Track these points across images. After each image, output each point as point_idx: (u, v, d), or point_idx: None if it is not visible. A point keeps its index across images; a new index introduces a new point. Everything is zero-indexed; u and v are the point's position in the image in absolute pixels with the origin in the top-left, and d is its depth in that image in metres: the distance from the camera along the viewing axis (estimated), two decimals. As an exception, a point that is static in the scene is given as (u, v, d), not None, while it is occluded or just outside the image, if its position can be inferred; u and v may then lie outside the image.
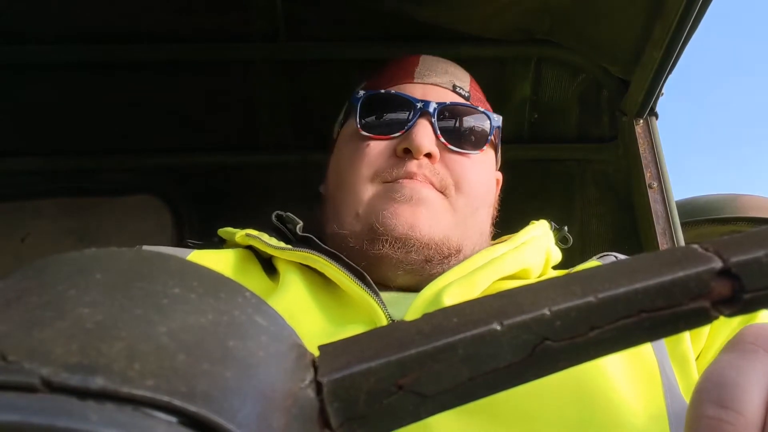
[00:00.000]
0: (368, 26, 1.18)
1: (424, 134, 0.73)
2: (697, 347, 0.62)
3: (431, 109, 0.75)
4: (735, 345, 0.34)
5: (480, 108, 0.81)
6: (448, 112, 0.77)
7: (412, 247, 0.69)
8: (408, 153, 0.73)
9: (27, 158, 1.28)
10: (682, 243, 1.08)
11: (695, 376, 0.59)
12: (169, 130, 1.29)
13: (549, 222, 0.82)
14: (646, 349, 0.59)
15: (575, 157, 1.30)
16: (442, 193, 0.74)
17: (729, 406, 0.30)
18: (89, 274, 0.22)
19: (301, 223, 0.78)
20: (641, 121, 1.15)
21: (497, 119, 0.82)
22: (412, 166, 0.73)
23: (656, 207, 1.10)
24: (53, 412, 0.17)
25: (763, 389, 0.31)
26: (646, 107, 1.13)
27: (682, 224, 1.12)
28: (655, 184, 1.11)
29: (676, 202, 1.12)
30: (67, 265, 0.23)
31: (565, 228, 0.84)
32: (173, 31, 1.17)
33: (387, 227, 0.69)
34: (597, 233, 1.28)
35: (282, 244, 0.72)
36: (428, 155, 0.73)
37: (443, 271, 0.70)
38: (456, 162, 0.76)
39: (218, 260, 0.70)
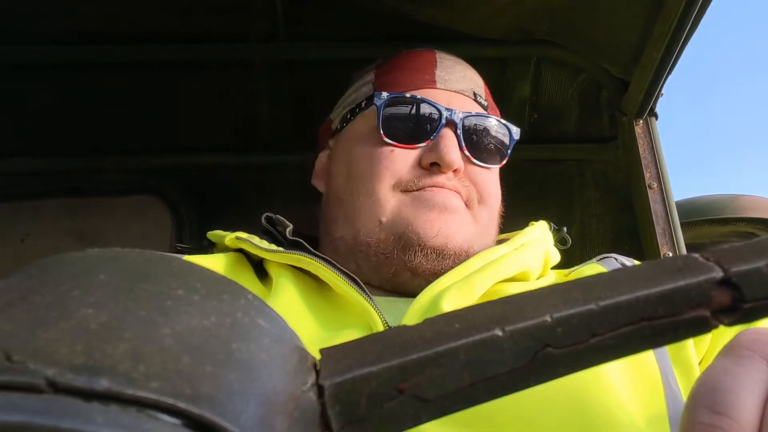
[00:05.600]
0: (368, 26, 1.18)
1: (453, 148, 0.72)
2: (700, 352, 0.62)
3: (457, 120, 0.74)
4: (730, 350, 0.33)
5: (502, 120, 0.80)
6: (472, 123, 0.76)
7: (447, 257, 0.69)
8: (435, 166, 0.72)
9: (27, 158, 1.28)
10: (682, 244, 1.08)
11: None
12: (169, 130, 1.29)
13: (548, 223, 0.82)
14: (647, 356, 0.58)
15: (575, 158, 1.30)
16: (465, 204, 0.74)
17: (723, 413, 0.30)
18: (93, 274, 0.22)
19: (290, 227, 0.76)
20: (641, 121, 1.15)
21: (516, 132, 0.81)
22: (441, 179, 0.72)
23: (656, 207, 1.10)
24: (59, 413, 0.17)
25: (758, 396, 0.30)
26: (646, 107, 1.13)
27: (682, 225, 1.12)
28: (655, 185, 1.11)
29: (676, 203, 1.12)
30: (71, 265, 0.23)
31: (564, 229, 0.84)
32: (173, 31, 1.17)
33: (422, 237, 0.69)
34: (597, 233, 1.28)
35: (273, 247, 0.71)
36: (455, 169, 0.73)
37: None
38: (478, 175, 0.76)
39: (209, 265, 0.68)
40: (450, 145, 0.72)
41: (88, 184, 1.29)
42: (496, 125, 0.79)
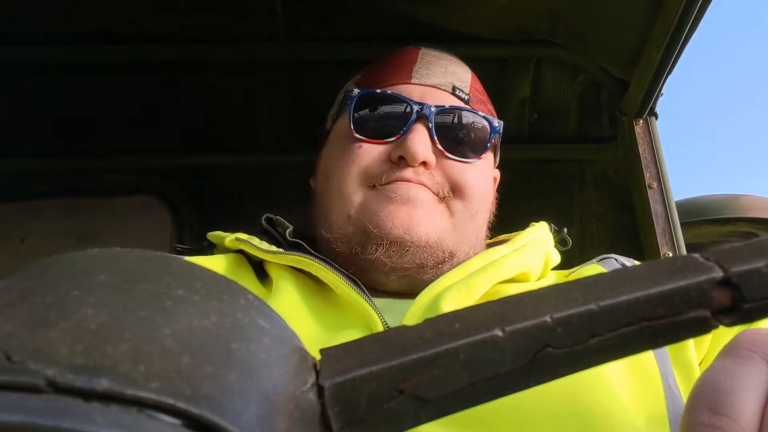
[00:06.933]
0: (368, 26, 1.18)
1: (420, 142, 0.71)
2: (701, 353, 0.62)
3: (428, 114, 0.73)
4: (731, 350, 0.33)
5: (480, 112, 0.78)
6: (446, 116, 0.75)
7: (407, 250, 0.68)
8: (402, 160, 0.71)
9: (27, 158, 1.28)
10: (682, 244, 1.08)
11: None
12: (169, 130, 1.29)
13: (549, 224, 0.81)
14: (647, 358, 0.58)
15: (575, 158, 1.30)
16: (437, 196, 0.72)
17: (723, 413, 0.30)
18: (93, 274, 0.22)
19: (291, 228, 0.76)
20: (641, 121, 1.15)
21: (498, 124, 0.79)
22: (408, 173, 0.71)
23: (656, 207, 1.10)
24: (59, 413, 0.17)
25: (758, 396, 0.30)
26: (646, 107, 1.13)
27: (682, 224, 1.12)
28: (655, 185, 1.11)
29: (676, 203, 1.12)
30: (71, 266, 0.23)
31: (565, 230, 0.83)
32: (173, 31, 1.17)
33: (382, 229, 0.68)
34: (597, 234, 1.28)
35: (273, 248, 0.71)
36: (423, 163, 0.71)
37: (437, 277, 0.67)
38: (453, 168, 0.74)
39: (209, 266, 0.68)
40: (417, 139, 0.71)
41: (88, 184, 1.29)
42: (472, 118, 0.77)
